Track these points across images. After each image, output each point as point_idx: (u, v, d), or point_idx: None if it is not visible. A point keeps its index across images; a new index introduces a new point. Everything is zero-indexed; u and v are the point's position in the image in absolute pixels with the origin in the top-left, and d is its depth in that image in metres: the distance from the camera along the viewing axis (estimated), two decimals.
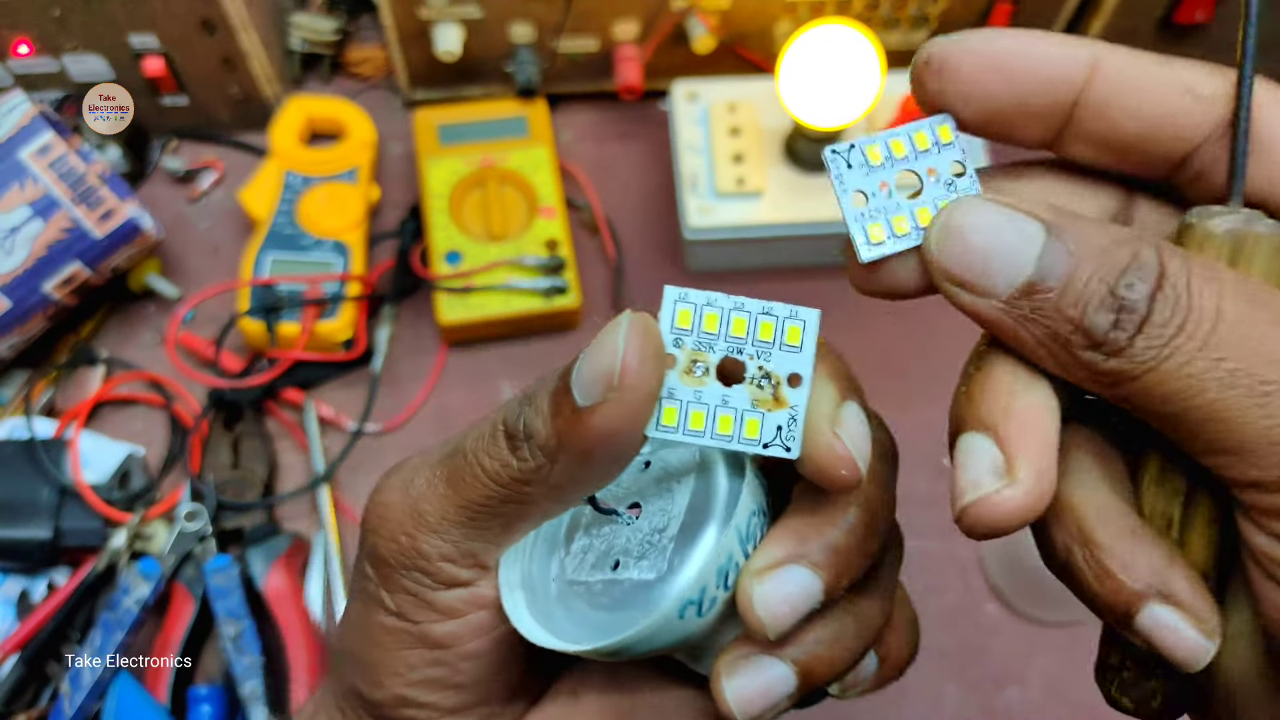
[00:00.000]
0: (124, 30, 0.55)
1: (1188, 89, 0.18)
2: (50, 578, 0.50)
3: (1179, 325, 0.15)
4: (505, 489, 0.19)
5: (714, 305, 0.18)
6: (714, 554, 0.18)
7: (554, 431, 0.18)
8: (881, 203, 0.19)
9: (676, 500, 0.20)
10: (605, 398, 0.17)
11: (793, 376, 0.18)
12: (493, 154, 0.59)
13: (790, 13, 0.59)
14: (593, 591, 0.20)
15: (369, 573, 0.21)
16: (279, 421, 0.54)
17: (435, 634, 0.21)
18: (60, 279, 0.51)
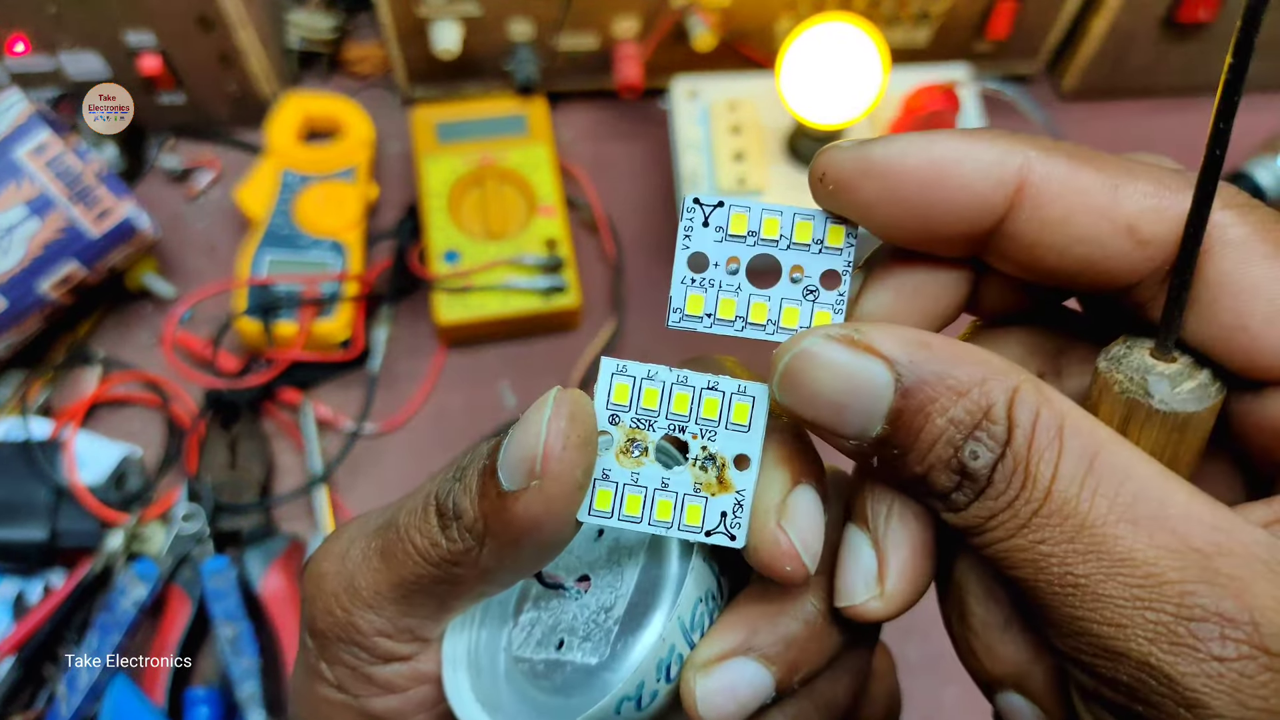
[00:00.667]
0: (120, 27, 0.55)
1: (1129, 229, 0.16)
2: (46, 579, 0.49)
3: (1010, 500, 0.15)
4: (436, 568, 0.18)
5: (655, 379, 0.17)
6: (655, 647, 0.17)
7: (480, 514, 0.17)
8: (719, 276, 0.17)
9: (625, 578, 0.19)
10: (528, 485, 0.16)
11: (740, 458, 0.17)
12: (491, 152, 0.58)
13: (791, 9, 0.59)
14: (536, 672, 0.20)
15: (309, 643, 0.20)
16: (276, 422, 0.54)
17: (377, 709, 0.20)
18: (57, 278, 0.50)
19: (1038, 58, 0.64)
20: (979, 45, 0.62)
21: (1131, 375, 0.16)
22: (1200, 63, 0.64)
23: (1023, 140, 0.16)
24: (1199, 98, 0.66)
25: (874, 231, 0.17)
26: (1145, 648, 0.14)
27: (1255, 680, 0.13)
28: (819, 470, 0.18)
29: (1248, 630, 0.13)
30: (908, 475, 0.16)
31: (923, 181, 0.16)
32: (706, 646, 0.17)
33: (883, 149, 0.16)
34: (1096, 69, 0.64)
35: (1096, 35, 0.61)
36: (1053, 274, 0.17)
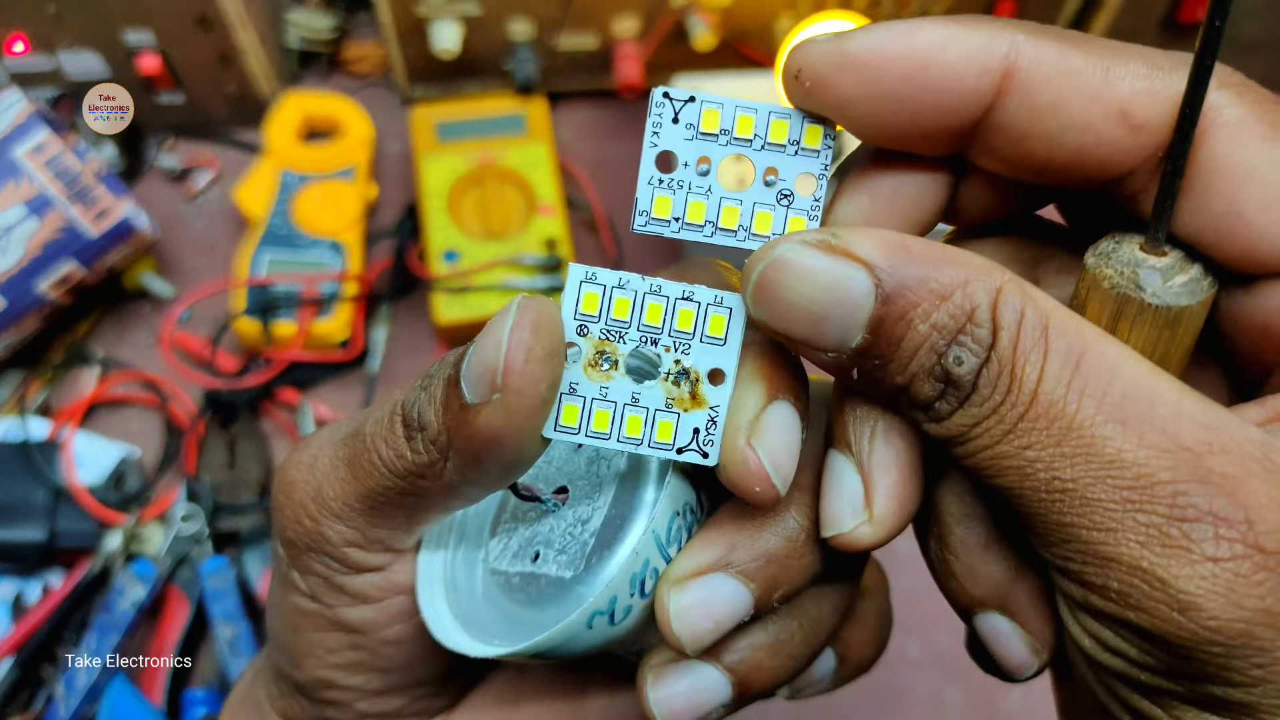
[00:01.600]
0: (120, 26, 0.55)
1: (1122, 113, 0.15)
2: (45, 580, 0.49)
3: (995, 405, 0.14)
4: (402, 480, 0.17)
5: (626, 288, 0.16)
6: (628, 561, 0.16)
7: (444, 427, 0.16)
8: (689, 177, 0.16)
9: (603, 491, 0.19)
10: (489, 398, 0.15)
11: (714, 373, 0.16)
12: (491, 152, 0.58)
13: (791, 8, 0.59)
14: (512, 584, 0.19)
15: (280, 553, 0.20)
16: (275, 422, 0.54)
17: (350, 619, 0.19)
18: (55, 278, 0.50)
19: None
20: None
21: (1121, 269, 0.15)
22: None
23: (1009, 24, 0.15)
24: None
25: (854, 130, 0.16)
26: (1136, 551, 0.13)
27: (1250, 580, 0.13)
28: (799, 386, 0.17)
29: (1242, 529, 0.13)
30: (889, 387, 0.15)
31: (905, 72, 0.15)
32: (682, 561, 0.17)
33: (861, 39, 0.15)
34: None
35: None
36: (1042, 167, 0.16)
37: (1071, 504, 0.13)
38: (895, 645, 0.49)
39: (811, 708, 0.48)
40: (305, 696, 0.21)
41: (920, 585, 0.53)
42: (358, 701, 0.21)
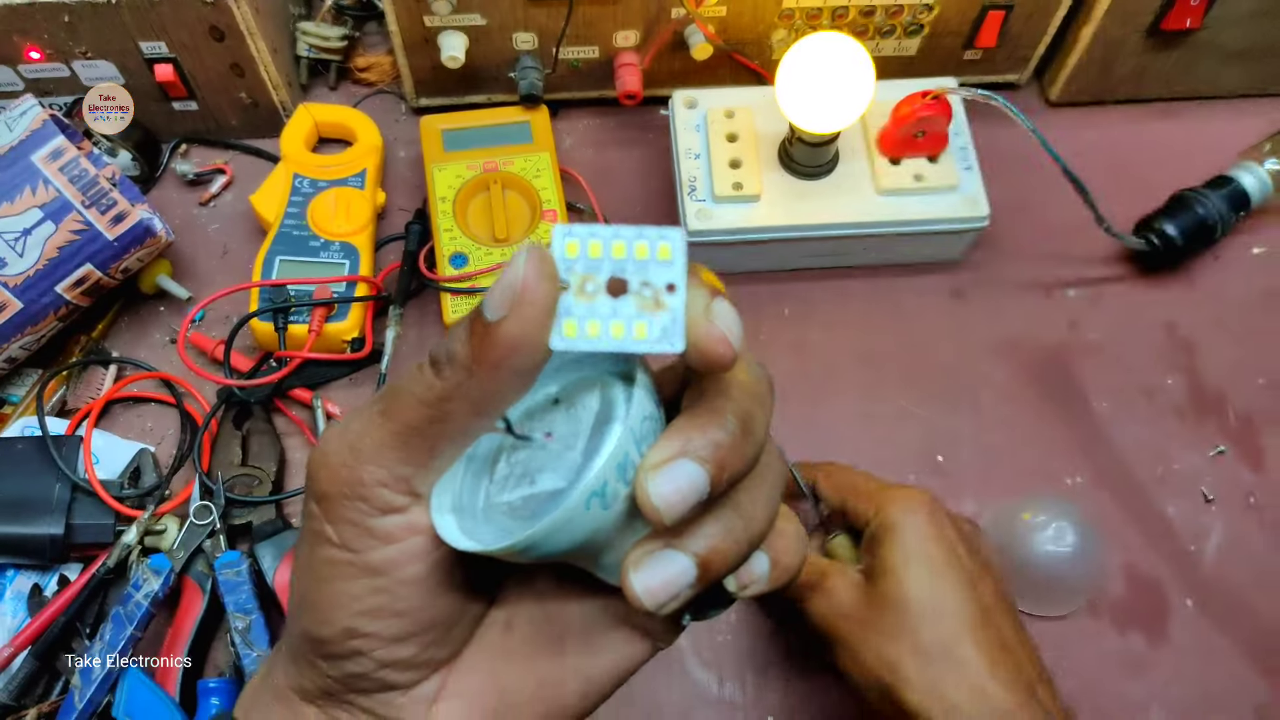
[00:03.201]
0: (134, 37, 0.56)
1: None
2: (62, 573, 0.50)
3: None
4: (431, 408, 0.21)
5: (596, 235, 0.21)
6: (614, 452, 0.21)
7: (470, 349, 0.20)
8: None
9: (583, 421, 0.23)
10: (509, 312, 0.20)
11: (669, 285, 0.21)
12: (496, 159, 0.60)
13: (786, 21, 0.61)
14: (514, 508, 0.23)
15: (314, 511, 0.23)
16: (288, 419, 0.55)
17: (375, 561, 0.23)
18: (72, 280, 0.52)
19: (1026, 66, 0.66)
20: (968, 54, 0.64)
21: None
22: (1186, 70, 0.66)
23: None
24: (1184, 104, 0.68)
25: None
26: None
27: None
28: (725, 294, 0.22)
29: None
30: None
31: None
32: (653, 453, 0.21)
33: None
34: (1083, 76, 0.65)
35: (1083, 43, 0.63)
36: None
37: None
38: None
39: (807, 697, 0.49)
40: (327, 656, 0.24)
41: None
42: (377, 649, 0.23)
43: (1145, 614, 0.51)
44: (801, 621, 0.42)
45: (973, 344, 0.59)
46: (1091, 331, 0.60)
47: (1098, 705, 0.49)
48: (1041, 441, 0.56)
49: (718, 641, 0.50)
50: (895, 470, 0.55)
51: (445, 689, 0.25)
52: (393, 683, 0.24)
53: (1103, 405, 0.57)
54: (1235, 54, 0.65)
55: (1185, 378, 0.58)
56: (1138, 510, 0.54)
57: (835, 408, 0.56)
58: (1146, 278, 0.62)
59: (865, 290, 0.60)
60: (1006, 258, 0.62)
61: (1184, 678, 0.50)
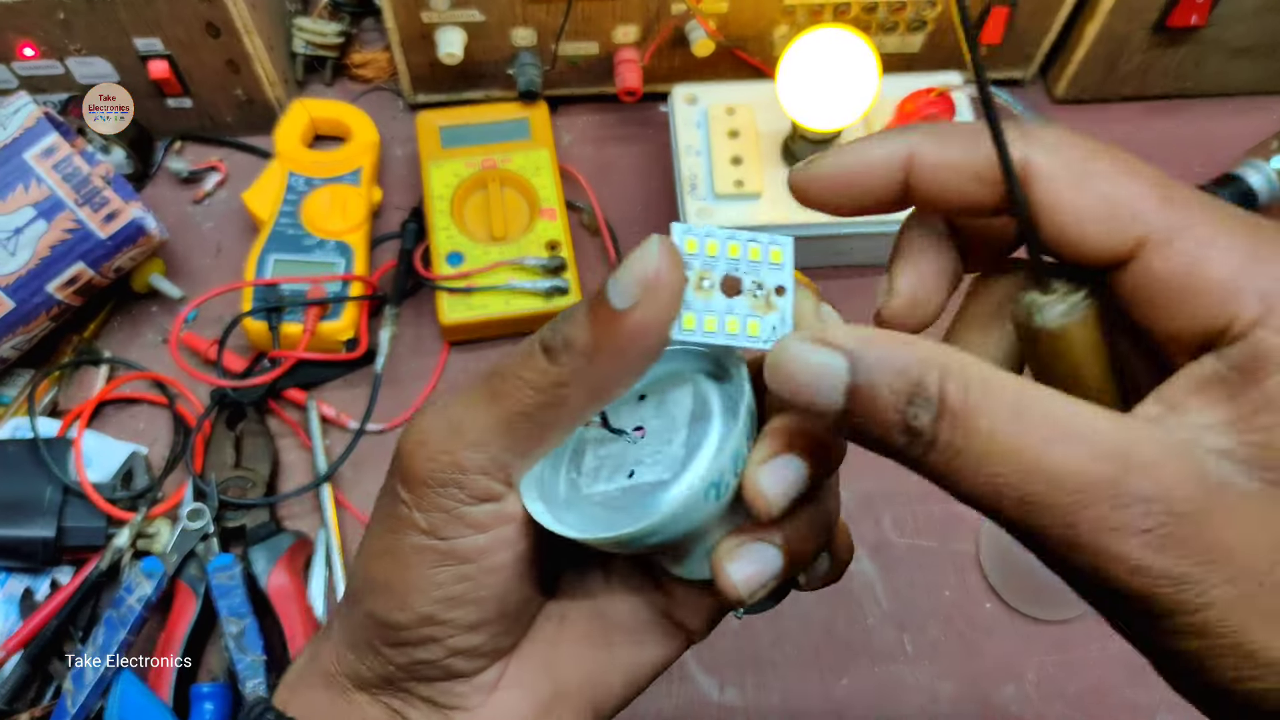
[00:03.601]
0: (129, 33, 0.56)
1: (977, 176, 0.21)
2: (53, 576, 0.50)
3: (959, 449, 0.18)
4: (545, 394, 0.21)
5: (713, 236, 0.22)
6: (725, 445, 0.22)
7: (592, 335, 0.20)
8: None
9: (676, 417, 0.23)
10: (641, 298, 0.20)
11: (779, 288, 0.22)
12: (494, 156, 0.59)
13: (788, 17, 0.60)
14: (609, 498, 0.23)
15: (403, 496, 0.22)
16: (282, 421, 0.55)
17: (464, 549, 0.22)
18: (64, 279, 0.51)
19: (1031, 62, 0.65)
20: None
21: (1022, 313, 0.21)
22: (1192, 67, 0.65)
23: (906, 132, 0.22)
24: (1190, 101, 0.67)
25: (834, 210, 0.23)
26: (1091, 537, 0.18)
27: (1173, 538, 0.17)
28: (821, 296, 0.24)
29: (1161, 503, 0.17)
30: (872, 438, 0.20)
31: (841, 183, 0.23)
32: (761, 448, 0.21)
33: (812, 167, 0.23)
34: (1088, 73, 0.65)
35: (1088, 39, 0.62)
36: (955, 213, 0.23)
37: (1038, 513, 0.18)
38: (890, 640, 0.50)
39: (809, 700, 0.48)
40: (398, 643, 0.23)
41: (915, 581, 0.54)
42: (452, 637, 0.23)
43: None
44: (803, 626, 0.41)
45: None
46: None
47: (1105, 710, 0.48)
48: None
49: (719, 646, 0.50)
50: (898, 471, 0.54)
51: (504, 678, 0.25)
52: (458, 671, 0.24)
53: None
54: (1241, 51, 0.64)
55: None
56: None
57: None
58: None
59: (868, 289, 0.60)
60: None
61: None
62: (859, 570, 0.51)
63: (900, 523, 0.53)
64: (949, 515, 0.53)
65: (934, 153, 0.21)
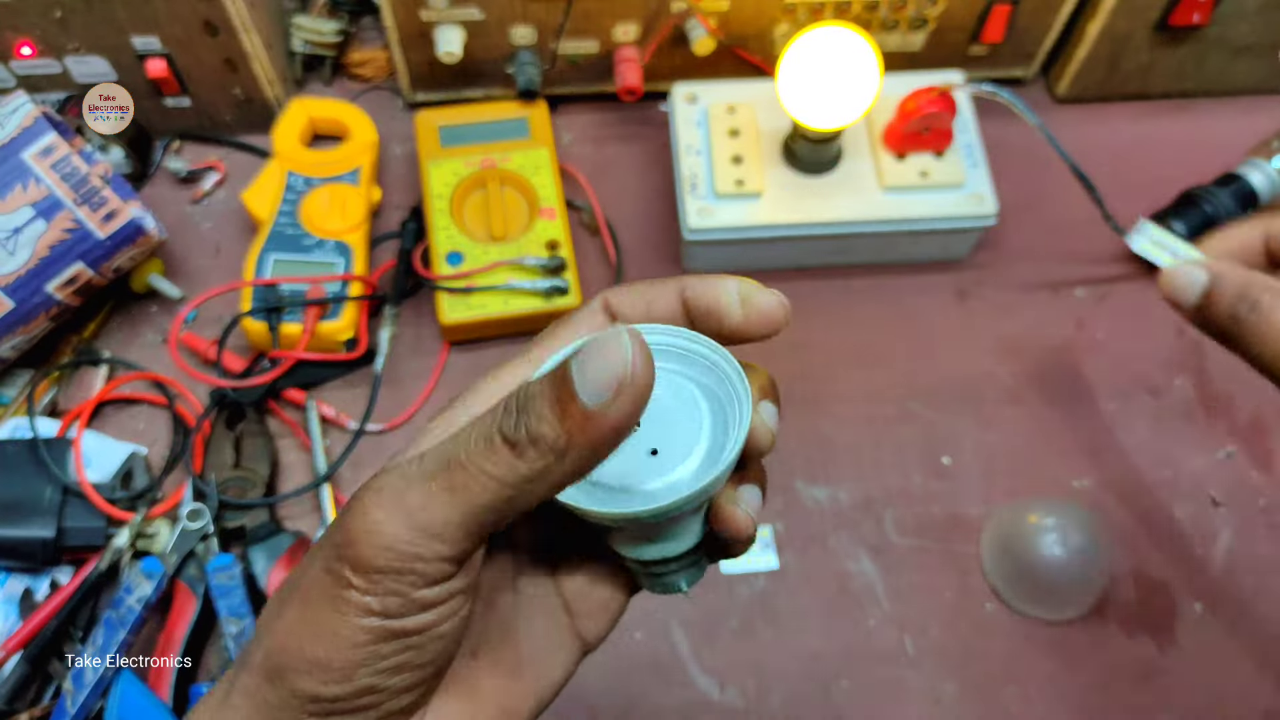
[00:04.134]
0: (126, 32, 0.55)
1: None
2: (53, 577, 0.50)
3: (1261, 332, 0.32)
4: (513, 488, 0.21)
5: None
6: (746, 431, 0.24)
7: (564, 432, 0.20)
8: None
9: (675, 414, 0.25)
10: (615, 397, 0.20)
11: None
12: (493, 155, 0.59)
13: (789, 15, 0.60)
14: (597, 484, 0.24)
15: (354, 581, 0.22)
16: (281, 421, 0.55)
17: (414, 625, 0.22)
18: (63, 279, 0.51)
19: (1032, 61, 0.65)
20: (974, 49, 0.63)
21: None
22: (1193, 66, 0.65)
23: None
24: (1192, 100, 0.67)
25: None
26: None
27: None
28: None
29: None
30: (1211, 321, 0.33)
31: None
32: (764, 415, 0.25)
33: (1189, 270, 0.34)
34: (1090, 72, 0.64)
35: (1090, 38, 0.62)
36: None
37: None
38: (892, 641, 0.50)
39: (808, 703, 0.48)
40: (333, 713, 0.23)
41: (917, 582, 0.54)
42: (389, 700, 0.23)
43: (1153, 618, 0.51)
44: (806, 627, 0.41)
45: (978, 344, 0.58)
46: (1099, 331, 0.59)
47: (1106, 710, 0.48)
48: (1048, 443, 0.55)
49: (719, 647, 0.49)
50: (899, 472, 0.54)
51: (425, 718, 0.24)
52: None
53: (1110, 406, 0.56)
54: (1244, 50, 0.64)
55: (1193, 379, 0.57)
56: (1145, 513, 0.53)
57: (838, 409, 0.56)
58: (1154, 277, 0.61)
59: (869, 289, 0.60)
60: (1012, 256, 0.61)
61: (1192, 682, 0.49)
62: (860, 571, 0.51)
63: (901, 524, 0.53)
64: (950, 516, 0.53)
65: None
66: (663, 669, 0.49)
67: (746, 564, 0.51)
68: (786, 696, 0.48)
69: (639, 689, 0.48)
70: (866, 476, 0.54)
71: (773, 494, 0.53)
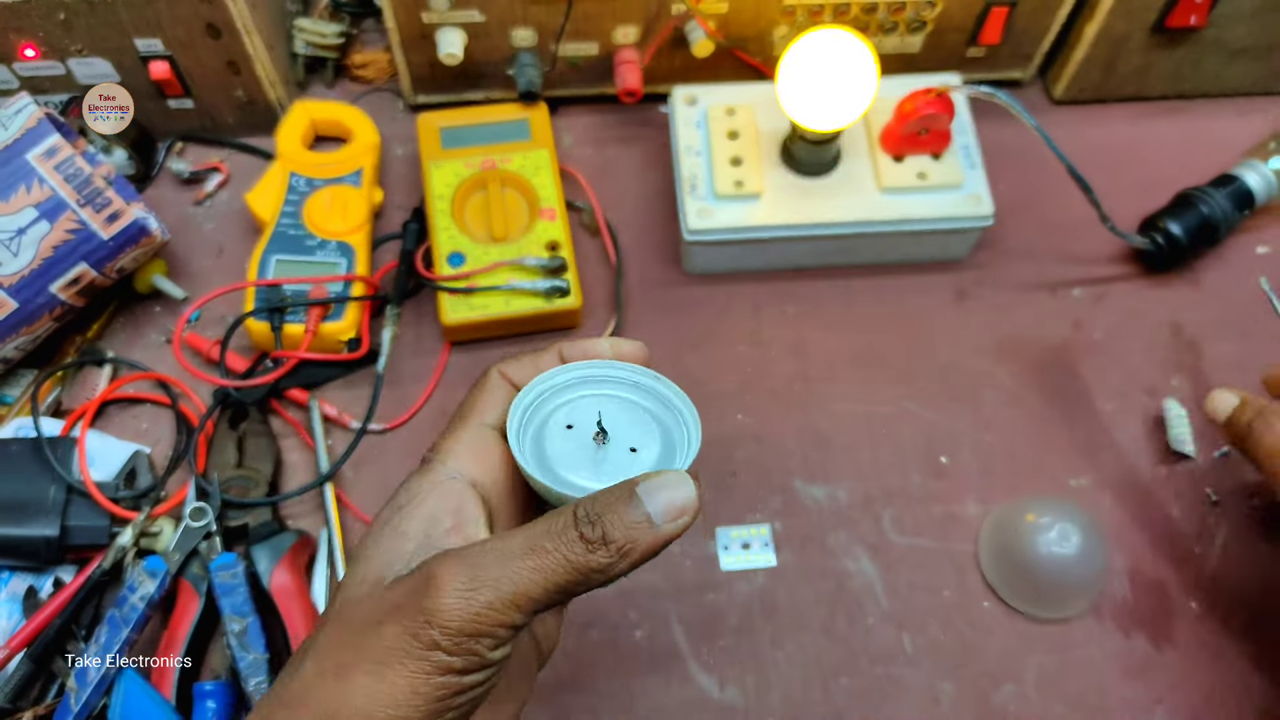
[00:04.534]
0: (129, 34, 0.56)
1: None
2: (57, 575, 0.50)
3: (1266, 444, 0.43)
4: (582, 575, 0.26)
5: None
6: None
7: (630, 539, 0.26)
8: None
9: (634, 430, 0.31)
10: (677, 520, 0.26)
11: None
12: (494, 157, 0.59)
13: (788, 17, 0.60)
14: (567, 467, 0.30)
15: (441, 643, 0.25)
16: (284, 420, 0.55)
17: (479, 679, 0.26)
18: (67, 280, 0.51)
19: (1030, 63, 0.65)
20: (971, 51, 0.64)
21: None
22: (1190, 67, 0.65)
23: None
24: (1189, 102, 0.67)
25: None
26: None
27: None
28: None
29: None
30: (1225, 432, 0.45)
31: None
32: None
33: None
34: (1087, 74, 0.65)
35: (1087, 40, 0.62)
36: None
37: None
38: (890, 639, 0.50)
39: (807, 701, 0.49)
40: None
41: (915, 580, 0.54)
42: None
43: (1149, 616, 0.51)
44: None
45: (976, 344, 0.58)
46: (1096, 331, 0.59)
47: (1102, 708, 0.49)
48: (1045, 442, 0.55)
49: (719, 645, 0.50)
50: (898, 471, 0.54)
51: None
52: None
53: (1107, 406, 0.57)
54: (1240, 51, 0.64)
55: (1190, 378, 0.58)
56: (1142, 512, 0.54)
57: (837, 408, 0.56)
58: (1151, 277, 0.61)
59: (868, 289, 0.60)
60: (1010, 256, 0.61)
61: (1188, 680, 0.49)
62: (858, 570, 0.52)
63: (899, 522, 0.53)
64: (948, 515, 0.53)
65: None
66: (662, 666, 0.49)
67: (746, 562, 0.52)
68: (785, 694, 0.49)
69: (639, 686, 0.49)
70: (865, 475, 0.54)
71: (771, 493, 0.54)
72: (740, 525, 0.53)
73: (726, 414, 0.56)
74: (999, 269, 0.61)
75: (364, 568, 0.27)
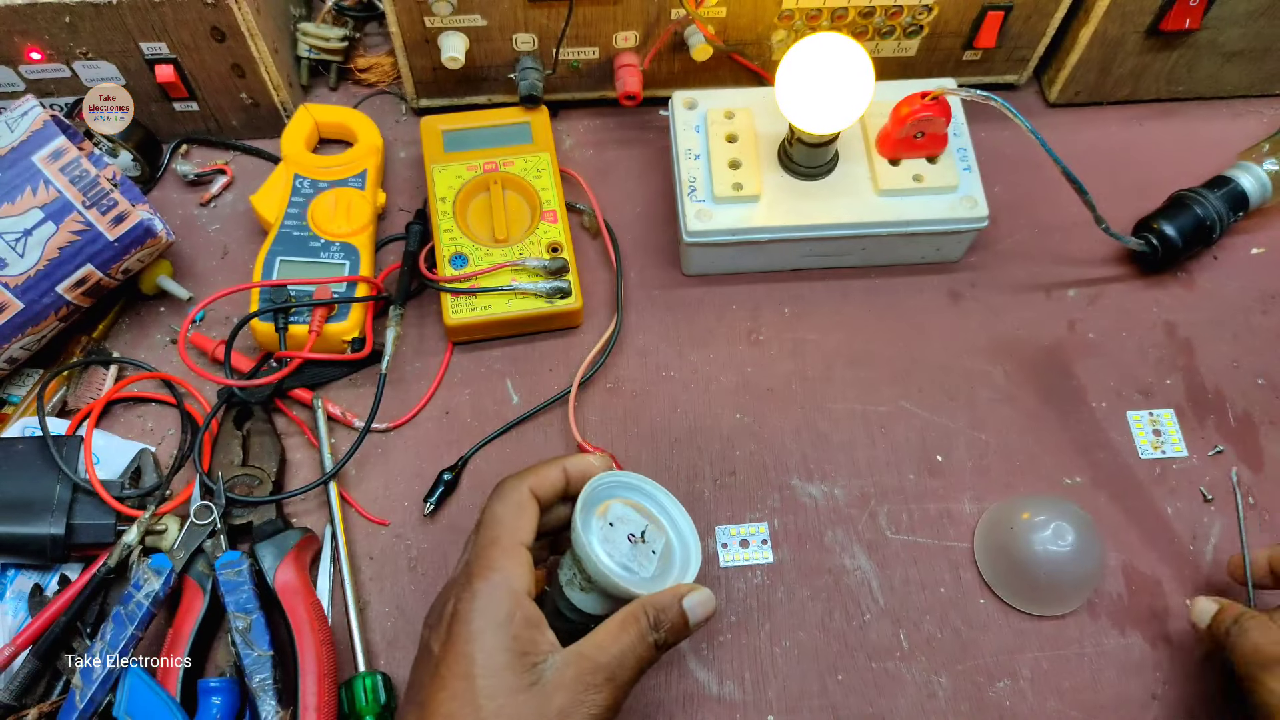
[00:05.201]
0: (134, 38, 0.56)
1: None
2: (62, 573, 0.50)
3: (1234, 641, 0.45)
4: (643, 657, 0.40)
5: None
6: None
7: (674, 631, 0.40)
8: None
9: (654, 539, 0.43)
10: (704, 618, 0.41)
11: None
12: (496, 159, 0.60)
13: (786, 22, 0.61)
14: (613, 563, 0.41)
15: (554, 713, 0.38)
16: (288, 419, 0.55)
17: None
18: (73, 281, 0.52)
19: (1025, 67, 0.66)
20: (967, 55, 0.64)
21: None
22: (1185, 70, 0.66)
23: None
24: (1183, 104, 0.68)
25: None
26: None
27: None
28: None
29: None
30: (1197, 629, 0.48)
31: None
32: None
33: None
34: (1082, 77, 0.65)
35: (1082, 43, 0.63)
36: None
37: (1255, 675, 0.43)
38: (887, 635, 0.51)
39: (804, 696, 0.49)
40: None
41: (911, 577, 0.55)
42: None
43: (1144, 613, 0.51)
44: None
45: (972, 344, 0.59)
46: (1090, 331, 0.60)
47: (1097, 703, 0.49)
48: (1040, 441, 0.56)
49: (717, 642, 0.50)
50: (894, 470, 0.55)
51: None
52: None
53: (1101, 405, 0.57)
54: (1234, 54, 0.65)
55: (1184, 377, 0.58)
56: (1137, 510, 0.54)
57: (834, 407, 0.57)
58: (1145, 278, 0.62)
59: (865, 290, 0.60)
60: (1005, 258, 0.62)
61: (1183, 677, 0.50)
62: (855, 567, 0.52)
63: (896, 519, 0.54)
64: (944, 512, 0.54)
65: None
66: (661, 662, 0.49)
67: (744, 559, 0.52)
68: (783, 689, 0.49)
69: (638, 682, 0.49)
70: (862, 474, 0.55)
71: (769, 490, 0.54)
72: (738, 523, 0.53)
73: (725, 413, 0.56)
74: (994, 270, 0.61)
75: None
